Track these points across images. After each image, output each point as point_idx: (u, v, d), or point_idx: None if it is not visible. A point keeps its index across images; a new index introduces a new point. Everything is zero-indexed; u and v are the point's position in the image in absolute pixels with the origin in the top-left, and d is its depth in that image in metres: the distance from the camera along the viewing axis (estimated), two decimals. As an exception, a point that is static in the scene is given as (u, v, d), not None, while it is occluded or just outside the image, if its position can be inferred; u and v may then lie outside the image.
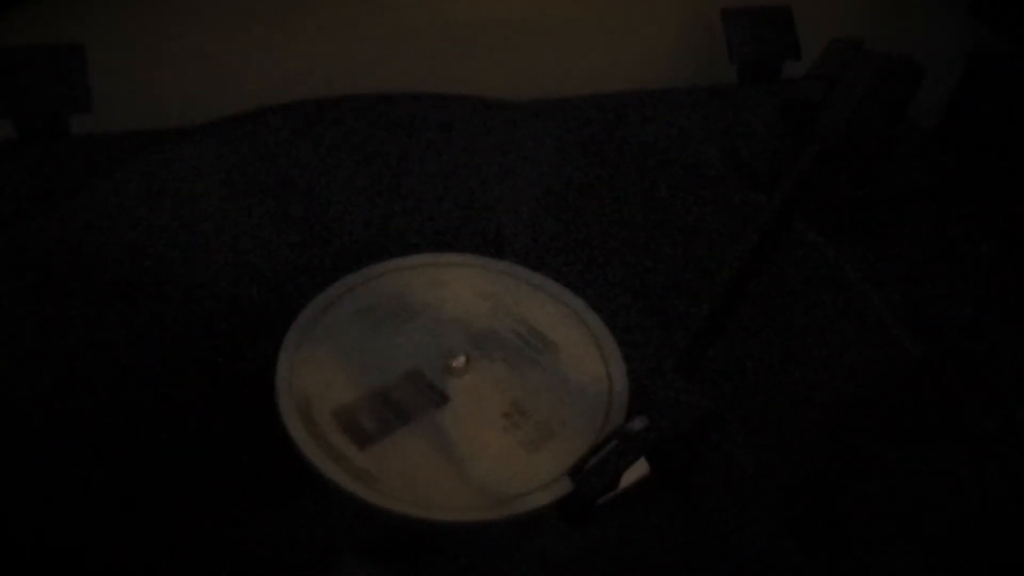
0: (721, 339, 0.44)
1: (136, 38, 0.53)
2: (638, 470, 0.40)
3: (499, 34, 0.57)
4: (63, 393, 0.41)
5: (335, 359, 0.44)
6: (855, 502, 0.41)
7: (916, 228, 0.53)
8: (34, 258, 0.44)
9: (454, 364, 0.44)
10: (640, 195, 0.51)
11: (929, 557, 0.40)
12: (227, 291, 0.46)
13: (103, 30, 0.52)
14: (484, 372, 0.44)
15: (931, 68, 0.52)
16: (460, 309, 0.47)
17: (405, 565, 0.39)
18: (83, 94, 0.50)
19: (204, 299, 0.45)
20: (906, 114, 0.55)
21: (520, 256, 0.49)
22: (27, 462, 0.39)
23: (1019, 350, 0.48)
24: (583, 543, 0.40)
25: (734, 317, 0.44)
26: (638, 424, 0.40)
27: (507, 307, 0.47)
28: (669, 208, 0.51)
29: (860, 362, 0.45)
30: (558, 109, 0.54)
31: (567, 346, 0.46)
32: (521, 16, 0.58)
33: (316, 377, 0.43)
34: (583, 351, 0.45)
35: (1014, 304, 0.50)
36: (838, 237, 0.49)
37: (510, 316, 0.46)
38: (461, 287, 0.47)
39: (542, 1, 0.59)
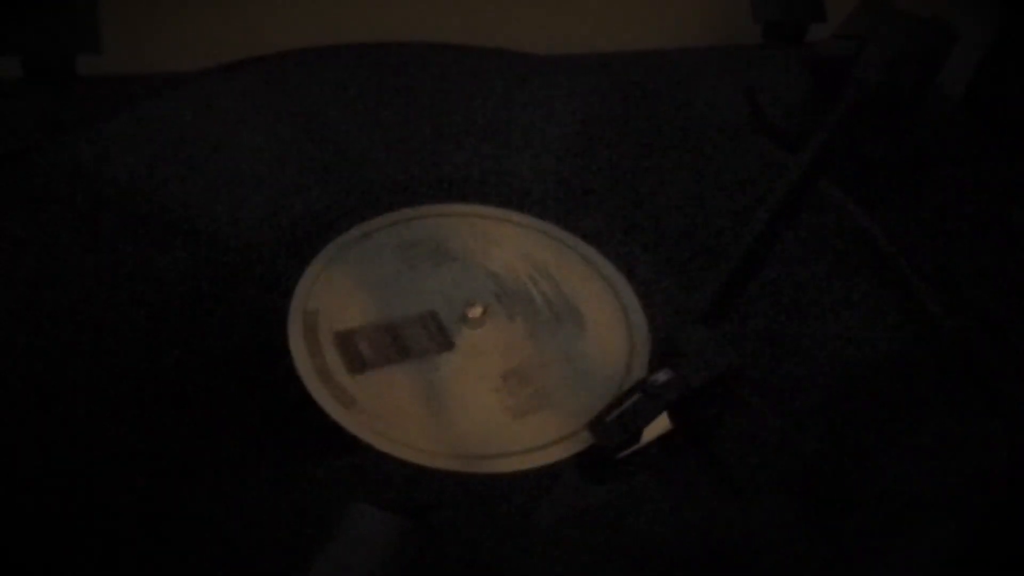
0: (743, 298, 0.43)
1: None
2: (660, 425, 0.39)
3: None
4: (69, 326, 0.40)
5: (356, 285, 0.43)
6: (880, 472, 0.40)
7: (946, 194, 0.52)
8: (43, 191, 0.43)
9: (470, 314, 0.42)
10: (665, 153, 0.50)
11: (958, 529, 0.38)
12: (246, 231, 0.45)
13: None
14: (500, 329, 0.43)
15: (962, 33, 0.51)
16: (498, 264, 0.45)
17: (419, 515, 0.37)
18: (92, 34, 0.49)
19: (222, 238, 0.44)
20: (936, 78, 0.54)
21: (542, 210, 0.48)
22: (30, 395, 0.37)
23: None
24: (599, 499, 0.39)
25: (757, 275, 0.43)
26: (662, 376, 0.39)
27: (547, 272, 0.45)
28: (695, 166, 0.50)
29: (887, 329, 0.44)
30: (583, 64, 0.53)
31: (595, 324, 0.44)
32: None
33: (330, 297, 0.42)
34: (611, 333, 0.44)
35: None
36: (866, 200, 0.48)
37: (547, 281, 0.45)
38: (507, 243, 0.46)
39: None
